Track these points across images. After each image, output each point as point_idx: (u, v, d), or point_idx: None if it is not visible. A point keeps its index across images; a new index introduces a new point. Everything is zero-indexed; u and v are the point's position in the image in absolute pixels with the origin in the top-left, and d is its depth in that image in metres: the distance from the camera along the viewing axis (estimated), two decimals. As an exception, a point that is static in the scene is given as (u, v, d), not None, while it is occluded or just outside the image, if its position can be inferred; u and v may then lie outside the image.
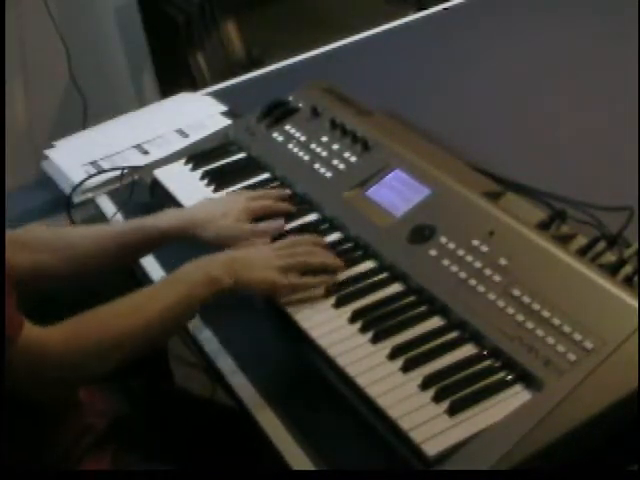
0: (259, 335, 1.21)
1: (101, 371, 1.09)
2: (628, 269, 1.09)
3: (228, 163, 1.53)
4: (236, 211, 1.31)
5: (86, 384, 1.10)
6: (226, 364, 1.20)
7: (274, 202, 1.36)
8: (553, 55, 1.87)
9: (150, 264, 1.41)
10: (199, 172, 1.52)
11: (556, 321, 1.02)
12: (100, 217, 1.59)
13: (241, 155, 1.55)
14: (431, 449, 0.95)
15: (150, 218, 1.32)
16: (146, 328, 1.09)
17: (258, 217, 1.33)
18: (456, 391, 1.00)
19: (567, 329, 1.01)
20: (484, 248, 1.14)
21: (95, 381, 1.11)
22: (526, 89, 1.76)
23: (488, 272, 1.11)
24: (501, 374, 1.02)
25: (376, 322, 1.12)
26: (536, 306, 1.05)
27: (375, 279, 1.20)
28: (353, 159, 1.39)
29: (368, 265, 1.23)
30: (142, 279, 1.41)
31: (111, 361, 1.08)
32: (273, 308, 1.18)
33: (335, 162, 1.40)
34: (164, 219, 1.31)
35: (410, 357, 1.06)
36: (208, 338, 1.24)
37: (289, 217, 1.35)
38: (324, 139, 1.45)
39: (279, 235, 1.29)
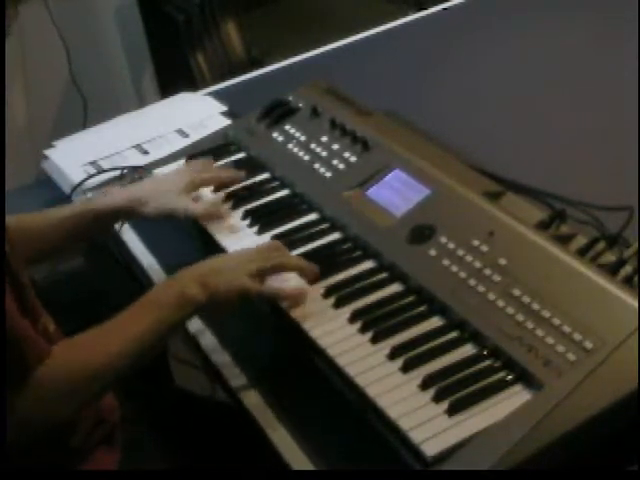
0: (259, 335, 1.21)
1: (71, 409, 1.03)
2: (628, 269, 1.09)
3: (228, 163, 1.53)
4: (178, 186, 1.34)
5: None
6: (226, 364, 1.20)
7: (217, 172, 1.42)
8: (553, 55, 1.87)
9: (150, 263, 1.42)
10: (199, 172, 1.52)
11: (556, 321, 1.02)
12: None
13: (241, 155, 1.55)
14: (430, 449, 0.95)
15: (97, 199, 1.37)
16: (118, 358, 1.04)
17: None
18: (456, 391, 1.00)
19: (567, 329, 1.01)
20: (484, 248, 1.14)
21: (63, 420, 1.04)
22: (526, 89, 1.76)
23: (488, 272, 1.11)
24: (501, 374, 1.02)
25: (376, 322, 1.12)
26: (536, 306, 1.05)
27: (375, 279, 1.20)
28: (353, 159, 1.39)
29: (368, 265, 1.23)
30: (141, 279, 1.42)
31: (83, 394, 1.03)
32: (273, 308, 1.18)
33: (335, 162, 1.40)
34: (110, 199, 1.35)
35: (410, 357, 1.06)
36: (208, 338, 1.24)
37: (290, 217, 1.35)
38: (324, 139, 1.45)
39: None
